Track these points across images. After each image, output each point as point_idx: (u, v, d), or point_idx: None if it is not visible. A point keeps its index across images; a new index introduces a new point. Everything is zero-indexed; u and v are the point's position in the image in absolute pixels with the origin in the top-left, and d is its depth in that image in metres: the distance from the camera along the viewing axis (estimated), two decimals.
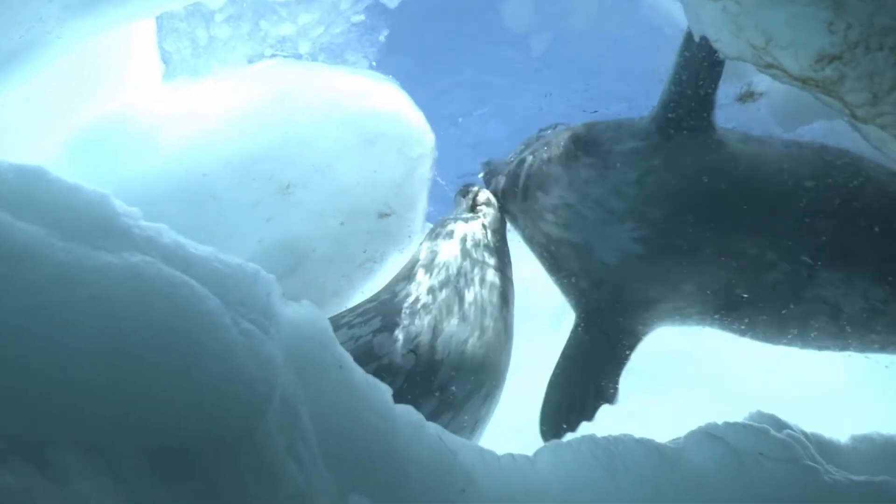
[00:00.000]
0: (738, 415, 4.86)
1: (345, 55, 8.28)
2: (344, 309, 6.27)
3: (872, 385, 7.76)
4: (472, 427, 5.46)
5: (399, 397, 3.70)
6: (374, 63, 8.28)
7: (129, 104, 6.46)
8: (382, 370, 5.08)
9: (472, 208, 6.38)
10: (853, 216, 5.38)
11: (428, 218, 7.50)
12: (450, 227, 6.20)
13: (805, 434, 4.80)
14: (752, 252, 5.49)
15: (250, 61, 7.33)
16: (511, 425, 5.95)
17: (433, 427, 3.63)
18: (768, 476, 4.17)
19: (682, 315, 5.97)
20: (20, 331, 2.48)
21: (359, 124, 6.73)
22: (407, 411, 3.56)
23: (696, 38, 4.43)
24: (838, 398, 8.43)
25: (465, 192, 6.63)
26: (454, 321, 5.42)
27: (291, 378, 3.10)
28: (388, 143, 6.80)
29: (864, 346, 5.89)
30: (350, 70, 7.33)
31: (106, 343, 2.56)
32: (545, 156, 6.03)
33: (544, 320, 7.88)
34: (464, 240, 6.01)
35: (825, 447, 5.00)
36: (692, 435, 4.37)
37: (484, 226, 6.20)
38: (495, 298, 5.79)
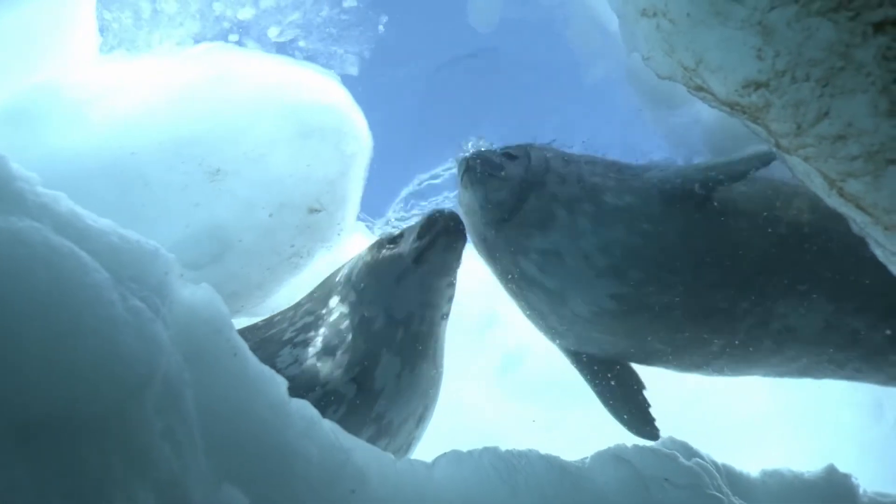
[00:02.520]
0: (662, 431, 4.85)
1: (311, 48, 8.21)
2: (266, 302, 6.19)
3: (794, 415, 7.81)
4: (406, 448, 5.50)
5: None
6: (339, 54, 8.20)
7: (62, 74, 6.32)
8: (328, 395, 5.07)
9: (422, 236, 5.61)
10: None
11: (359, 218, 7.43)
12: (388, 250, 5.75)
13: (715, 464, 4.81)
14: (723, 306, 5.66)
15: (196, 41, 7.24)
16: (434, 431, 5.92)
17: (328, 424, 3.56)
18: (671, 502, 4.15)
19: (653, 362, 6.18)
20: None
21: (296, 116, 6.63)
22: (301, 406, 3.48)
23: (628, 54, 4.41)
24: (759, 428, 8.50)
25: (430, 221, 5.64)
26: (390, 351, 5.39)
27: (179, 361, 3.01)
28: (325, 137, 6.71)
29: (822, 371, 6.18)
30: (292, 61, 7.22)
31: None
32: (555, 192, 5.81)
33: (473, 328, 7.88)
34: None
35: (734, 478, 5.01)
36: (599, 455, 4.35)
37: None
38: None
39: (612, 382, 6.06)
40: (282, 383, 3.44)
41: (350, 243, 7.44)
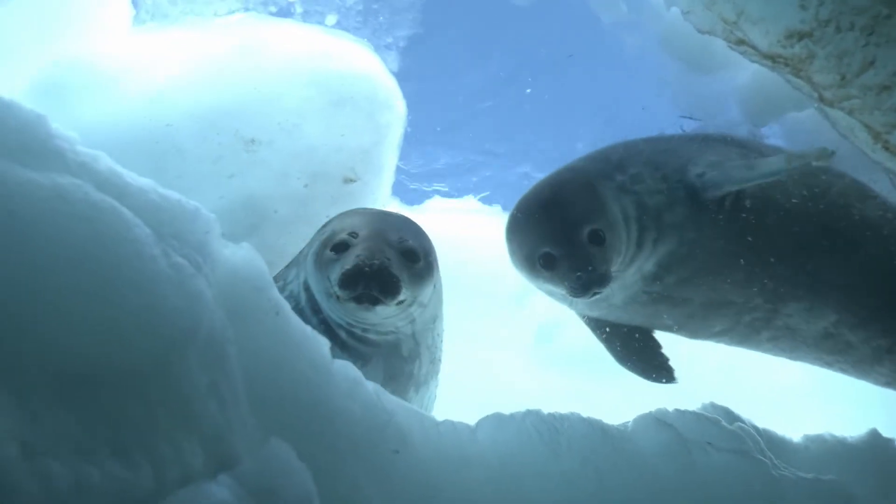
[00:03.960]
0: (692, 405, 4.83)
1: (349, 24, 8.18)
2: None
3: (832, 386, 7.75)
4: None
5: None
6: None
7: (96, 47, 6.34)
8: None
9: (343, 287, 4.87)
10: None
11: (394, 189, 7.40)
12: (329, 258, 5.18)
13: (756, 429, 4.76)
14: (738, 300, 5.75)
15: (231, 13, 7.23)
16: (468, 400, 5.89)
17: (371, 385, 3.53)
18: (715, 466, 4.10)
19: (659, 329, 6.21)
20: None
21: (328, 84, 6.61)
22: (344, 366, 3.46)
23: (668, 9, 4.35)
24: (797, 398, 8.45)
25: (349, 281, 4.79)
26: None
27: (222, 318, 2.99)
28: (358, 106, 6.68)
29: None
30: (325, 30, 7.21)
31: (17, 261, 2.45)
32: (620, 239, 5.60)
33: (508, 299, 7.84)
34: None
35: (776, 443, 4.96)
36: (641, 419, 4.30)
37: None
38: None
39: (634, 344, 6.04)
40: (324, 343, 3.42)
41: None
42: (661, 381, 5.97)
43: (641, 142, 5.99)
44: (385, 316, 4.97)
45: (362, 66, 6.87)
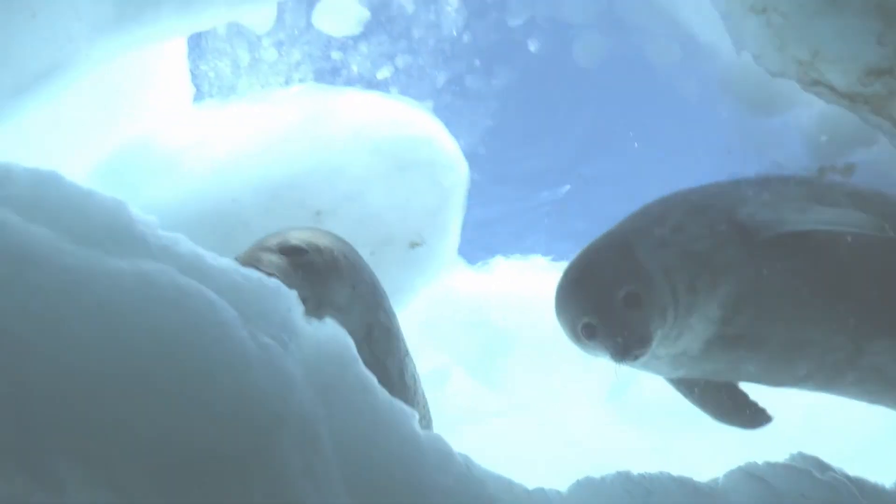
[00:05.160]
0: (779, 456, 4.73)
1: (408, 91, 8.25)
2: None
3: None
4: None
5: None
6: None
7: (158, 125, 6.42)
8: None
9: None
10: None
11: (460, 250, 7.36)
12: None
13: (849, 478, 4.63)
14: (818, 339, 5.53)
15: (294, 83, 7.32)
16: (543, 459, 5.80)
17: (460, 456, 3.46)
18: None
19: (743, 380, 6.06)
20: (21, 336, 2.37)
21: (391, 150, 6.61)
22: (433, 438, 3.39)
23: (738, 53, 4.29)
24: (879, 443, 8.23)
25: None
26: None
27: (311, 397, 2.94)
28: (421, 170, 6.68)
29: None
30: (384, 95, 7.24)
31: (110, 351, 2.45)
32: (670, 294, 5.44)
33: (575, 358, 7.74)
34: None
35: (869, 492, 4.81)
36: (731, 474, 4.21)
37: None
38: None
39: (725, 399, 5.94)
40: (412, 416, 3.36)
41: (453, 277, 7.38)
42: (759, 425, 5.85)
43: (689, 190, 5.92)
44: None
45: (424, 130, 6.88)
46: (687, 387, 6.04)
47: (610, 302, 5.23)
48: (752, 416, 5.90)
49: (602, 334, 5.23)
